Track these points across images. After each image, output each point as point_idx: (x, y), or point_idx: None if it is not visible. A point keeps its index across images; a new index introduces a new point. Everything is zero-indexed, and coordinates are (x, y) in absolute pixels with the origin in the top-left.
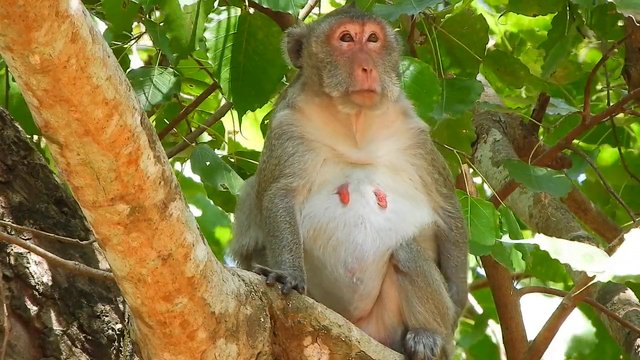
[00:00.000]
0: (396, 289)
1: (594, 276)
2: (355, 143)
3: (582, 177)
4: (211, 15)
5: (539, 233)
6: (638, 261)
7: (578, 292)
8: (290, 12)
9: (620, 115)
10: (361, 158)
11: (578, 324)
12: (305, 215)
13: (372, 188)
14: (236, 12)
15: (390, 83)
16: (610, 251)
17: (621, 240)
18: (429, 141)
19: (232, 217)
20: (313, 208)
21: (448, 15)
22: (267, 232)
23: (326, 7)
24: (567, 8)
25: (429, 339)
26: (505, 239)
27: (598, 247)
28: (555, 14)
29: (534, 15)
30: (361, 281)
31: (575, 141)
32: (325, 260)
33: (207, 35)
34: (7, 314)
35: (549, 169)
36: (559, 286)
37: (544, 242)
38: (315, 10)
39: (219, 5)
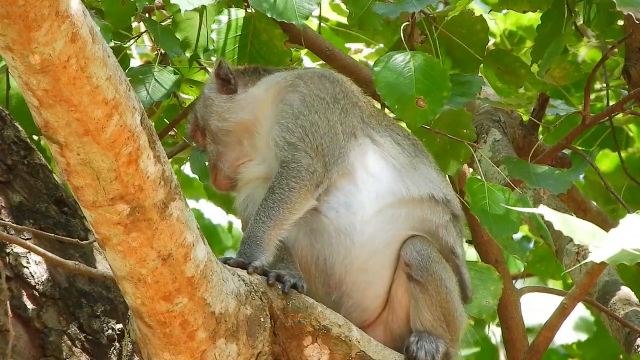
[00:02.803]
0: (407, 296)
1: (591, 257)
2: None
3: (582, 178)
4: (216, 16)
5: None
6: (632, 243)
7: (578, 291)
8: (294, 23)
9: (620, 115)
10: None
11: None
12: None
13: None
14: (237, 14)
15: (211, 152)
16: None
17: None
18: (298, 93)
19: (232, 217)
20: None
21: (452, 14)
22: None
23: (326, 11)
24: (566, 5)
25: (431, 345)
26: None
27: None
28: (545, 9)
29: (524, 12)
30: (340, 296)
31: (585, 148)
32: (308, 282)
33: (214, 36)
34: (10, 315)
35: (548, 166)
36: (559, 284)
37: (549, 213)
38: (316, 12)
39: (223, 6)
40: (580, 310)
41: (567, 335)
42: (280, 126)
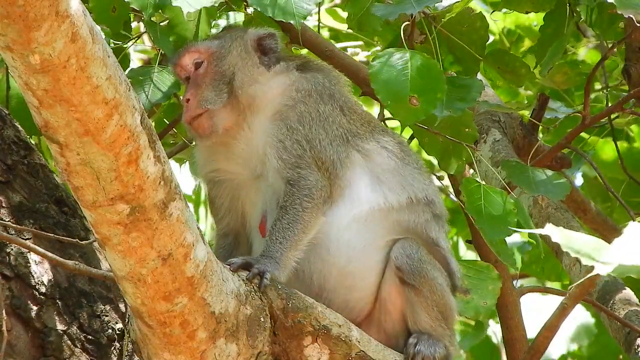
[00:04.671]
0: (402, 299)
1: (596, 270)
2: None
3: (579, 175)
4: (216, 20)
5: None
6: (637, 254)
7: (578, 291)
8: (292, 22)
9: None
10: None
11: (578, 315)
12: None
13: (260, 214)
14: (235, 17)
15: (215, 95)
16: None
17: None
18: (302, 106)
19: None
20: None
21: (449, 15)
22: None
23: (324, 16)
24: (567, 5)
25: (429, 349)
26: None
27: None
28: (548, 10)
29: (527, 12)
30: (330, 299)
31: (584, 135)
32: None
33: None
34: (5, 322)
35: (548, 172)
36: (556, 285)
37: (555, 232)
38: (315, 18)
39: (223, 9)
40: (581, 317)
41: (568, 344)
42: (281, 143)
